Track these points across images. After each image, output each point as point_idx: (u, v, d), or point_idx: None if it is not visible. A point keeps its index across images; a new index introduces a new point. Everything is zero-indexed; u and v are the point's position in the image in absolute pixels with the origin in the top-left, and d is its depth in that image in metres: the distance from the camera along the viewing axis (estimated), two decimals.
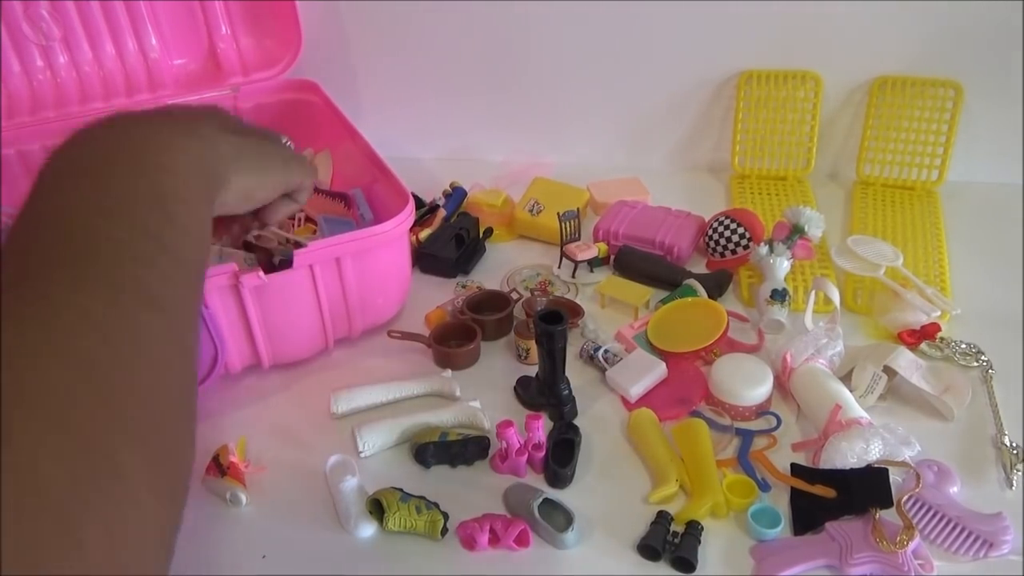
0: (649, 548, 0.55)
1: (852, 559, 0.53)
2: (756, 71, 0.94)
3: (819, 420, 0.62)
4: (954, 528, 0.55)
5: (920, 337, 0.71)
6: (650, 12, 0.91)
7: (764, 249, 0.77)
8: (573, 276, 0.83)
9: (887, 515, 0.55)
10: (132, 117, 0.38)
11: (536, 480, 0.61)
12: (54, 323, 0.28)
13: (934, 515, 0.56)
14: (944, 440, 0.63)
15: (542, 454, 0.61)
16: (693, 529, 0.55)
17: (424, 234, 0.85)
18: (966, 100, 0.90)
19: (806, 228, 0.78)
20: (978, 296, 0.77)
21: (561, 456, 0.61)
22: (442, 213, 0.88)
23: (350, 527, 0.57)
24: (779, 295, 0.74)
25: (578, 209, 0.85)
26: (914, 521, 0.54)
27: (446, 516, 0.56)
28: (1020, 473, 0.60)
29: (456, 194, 0.91)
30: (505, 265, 0.85)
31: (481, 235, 0.87)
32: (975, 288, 0.78)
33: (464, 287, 0.81)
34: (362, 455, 0.63)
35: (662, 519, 0.56)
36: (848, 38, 0.91)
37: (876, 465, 0.58)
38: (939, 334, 0.71)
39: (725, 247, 0.81)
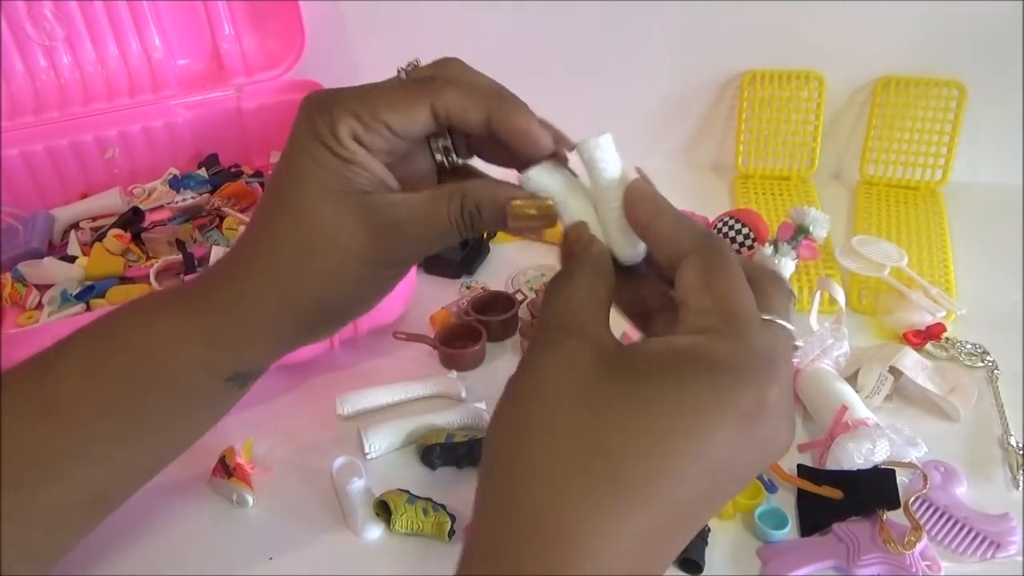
0: None
1: (860, 560, 0.53)
2: (760, 71, 0.94)
3: (825, 421, 0.62)
4: (961, 529, 0.55)
5: (925, 337, 0.71)
6: (653, 12, 0.91)
7: (769, 250, 0.77)
8: None
9: (894, 516, 0.55)
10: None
11: None
12: None
13: (941, 516, 0.56)
14: (950, 441, 0.63)
15: None
16: (700, 530, 0.55)
17: None
18: (970, 100, 0.90)
19: (811, 228, 0.77)
20: (983, 296, 0.77)
21: None
22: None
23: (357, 529, 0.57)
24: None
25: None
26: (921, 522, 0.54)
27: (453, 518, 0.56)
28: None
29: None
30: (509, 266, 0.85)
31: (485, 236, 0.87)
32: (980, 288, 0.78)
33: (469, 288, 0.81)
34: (368, 457, 0.63)
35: None
36: (852, 38, 0.91)
37: (883, 466, 0.58)
38: (944, 334, 0.71)
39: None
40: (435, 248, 0.37)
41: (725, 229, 0.82)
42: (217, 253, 0.78)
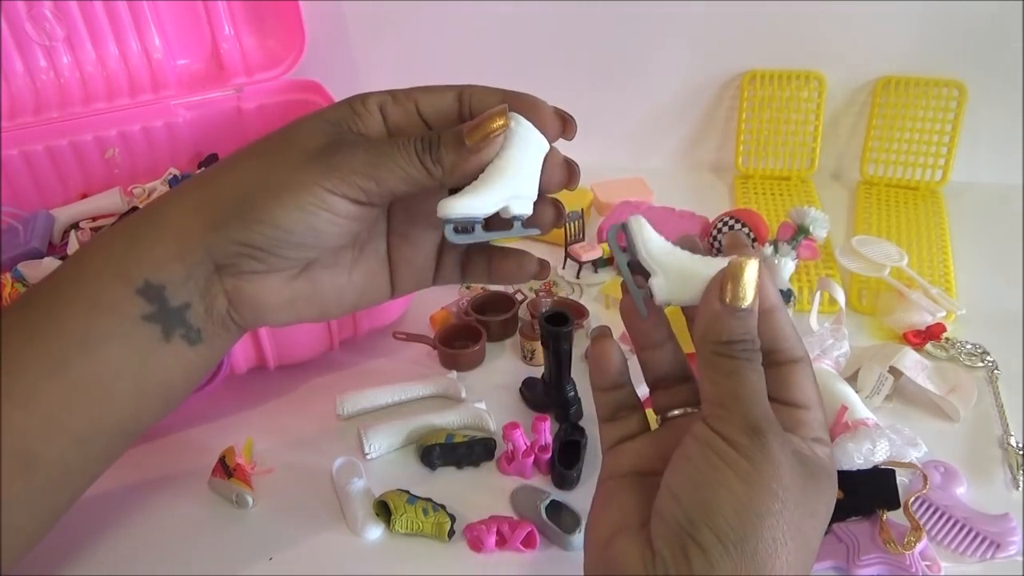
0: None
1: (860, 560, 0.53)
2: (760, 71, 0.94)
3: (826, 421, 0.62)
4: (961, 529, 0.55)
5: (925, 337, 0.71)
6: (653, 12, 0.91)
7: (769, 250, 0.77)
8: (577, 277, 0.82)
9: (894, 516, 0.55)
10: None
11: (543, 482, 0.61)
12: None
13: (941, 516, 0.56)
14: (950, 441, 0.63)
15: (548, 456, 0.61)
16: None
17: None
18: (970, 100, 0.90)
19: (811, 228, 0.77)
20: (983, 296, 0.77)
21: (567, 458, 0.61)
22: None
23: (357, 529, 0.57)
24: (784, 296, 0.74)
25: (582, 209, 0.85)
26: (921, 522, 0.54)
27: (453, 518, 0.56)
28: None
29: None
30: None
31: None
32: (980, 288, 0.78)
33: (468, 288, 0.81)
34: (368, 457, 0.63)
35: None
36: (852, 38, 0.91)
37: (883, 466, 0.58)
38: (944, 334, 0.71)
39: None
40: (388, 182, 0.37)
41: (725, 229, 0.82)
42: None
